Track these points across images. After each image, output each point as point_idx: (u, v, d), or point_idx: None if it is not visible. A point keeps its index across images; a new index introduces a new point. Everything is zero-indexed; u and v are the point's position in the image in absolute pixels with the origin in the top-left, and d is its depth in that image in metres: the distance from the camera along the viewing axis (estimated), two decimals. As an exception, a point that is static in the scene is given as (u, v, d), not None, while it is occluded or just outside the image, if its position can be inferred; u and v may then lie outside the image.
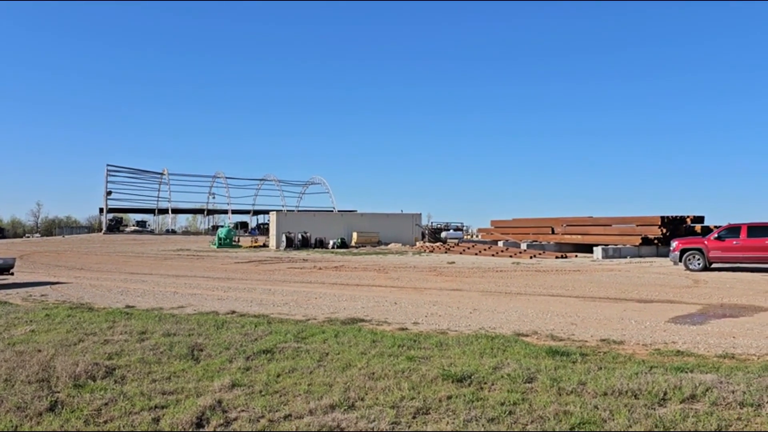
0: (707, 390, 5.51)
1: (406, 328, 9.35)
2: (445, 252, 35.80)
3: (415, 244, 44.03)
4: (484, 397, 5.48)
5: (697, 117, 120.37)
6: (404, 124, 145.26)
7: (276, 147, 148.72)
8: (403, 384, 5.84)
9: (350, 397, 5.44)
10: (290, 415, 5.00)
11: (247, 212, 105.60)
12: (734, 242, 21.48)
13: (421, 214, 51.22)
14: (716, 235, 22.18)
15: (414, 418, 4.93)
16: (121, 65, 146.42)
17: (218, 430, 4.72)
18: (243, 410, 5.14)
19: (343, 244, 42.46)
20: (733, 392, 5.45)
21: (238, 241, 51.12)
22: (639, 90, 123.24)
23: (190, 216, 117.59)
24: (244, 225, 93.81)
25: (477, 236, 53.72)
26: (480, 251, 34.12)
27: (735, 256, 21.49)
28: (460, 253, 34.44)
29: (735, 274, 20.42)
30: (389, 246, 43.47)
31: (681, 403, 5.26)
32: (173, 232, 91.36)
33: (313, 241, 42.63)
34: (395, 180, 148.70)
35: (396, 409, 5.11)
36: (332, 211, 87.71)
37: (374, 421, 4.81)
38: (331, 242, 42.23)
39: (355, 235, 45.29)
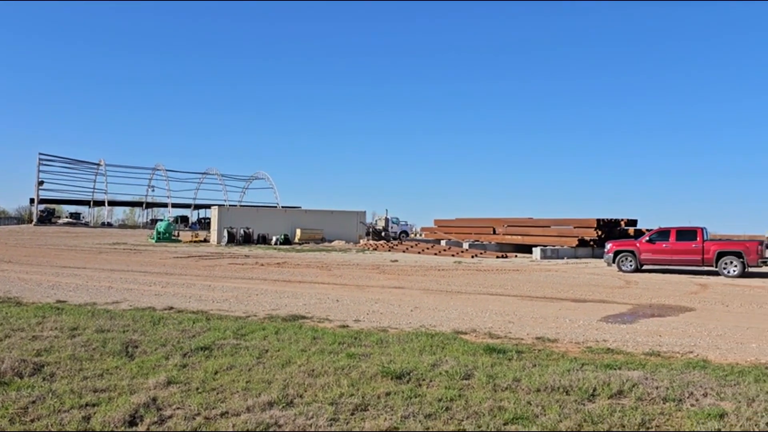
0: (633, 386, 5.77)
1: (348, 326, 9.37)
2: (389, 250, 36.00)
3: (359, 242, 44.08)
4: (422, 393, 5.56)
5: (631, 118, 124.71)
6: (351, 122, 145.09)
7: (219, 141, 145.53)
8: (343, 381, 5.86)
9: (289, 394, 5.42)
10: (227, 412, 4.94)
11: (188, 206, 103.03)
12: (664, 245, 22.50)
13: (365, 211, 51.28)
14: (647, 238, 23.18)
15: (352, 414, 4.95)
16: (56, 56, 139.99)
17: (152, 428, 4.62)
18: (178, 408, 5.04)
19: (287, 241, 42.06)
20: (657, 388, 5.72)
21: (178, 235, 49.84)
22: (576, 89, 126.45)
23: (127, 209, 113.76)
24: (184, 219, 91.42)
25: (421, 235, 54.26)
26: (423, 250, 34.49)
27: (664, 258, 22.52)
28: (404, 252, 34.71)
29: (664, 275, 21.39)
30: (333, 243, 43.36)
31: (609, 398, 5.49)
32: (109, 225, 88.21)
33: (255, 237, 42.04)
34: (341, 178, 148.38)
35: (335, 405, 5.13)
36: (276, 207, 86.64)
37: (312, 417, 4.81)
38: (274, 238, 41.75)
39: (298, 231, 44.92)
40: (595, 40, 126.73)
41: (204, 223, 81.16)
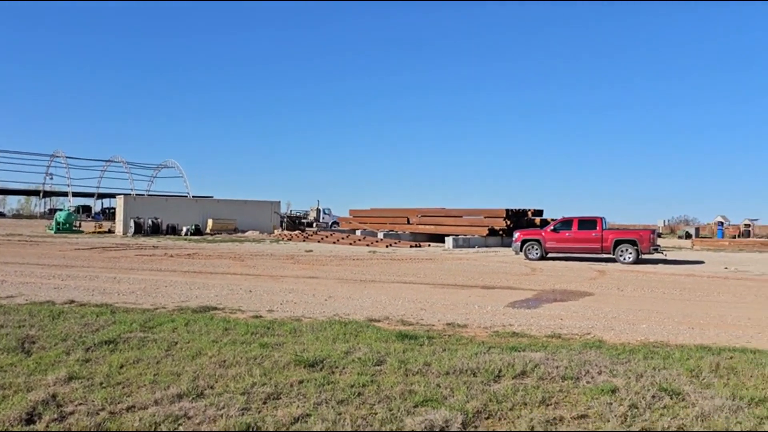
0: (536, 366, 6.09)
1: (261, 316, 9.27)
2: (304, 240, 35.78)
3: (274, 232, 43.50)
4: (335, 380, 5.61)
5: (540, 109, 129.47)
6: (265, 111, 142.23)
7: (126, 128, 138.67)
8: (255, 370, 5.81)
9: (199, 386, 5.32)
10: (134, 406, 4.79)
11: (90, 195, 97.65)
12: (567, 234, 23.71)
13: (279, 201, 50.63)
14: (552, 228, 24.36)
15: (264, 403, 4.93)
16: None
17: (52, 425, 4.40)
18: (81, 404, 4.82)
19: (198, 231, 40.84)
20: (557, 367, 6.07)
21: (80, 226, 47.22)
22: (482, 77, 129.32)
23: (22, 198, 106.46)
24: (87, 209, 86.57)
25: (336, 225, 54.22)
26: (338, 240, 34.53)
27: (567, 246, 23.74)
28: (318, 242, 34.62)
29: (567, 263, 22.56)
30: (246, 234, 42.55)
31: (513, 378, 5.77)
32: (2, 215, 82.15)
33: (164, 227, 40.54)
34: (255, 168, 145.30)
35: (246, 395, 5.08)
36: (186, 196, 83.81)
37: (223, 408, 4.75)
38: (185, 229, 40.44)
39: (210, 222, 43.72)
40: (488, 30, 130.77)
41: (108, 213, 77.30)
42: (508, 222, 34.62)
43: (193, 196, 79.42)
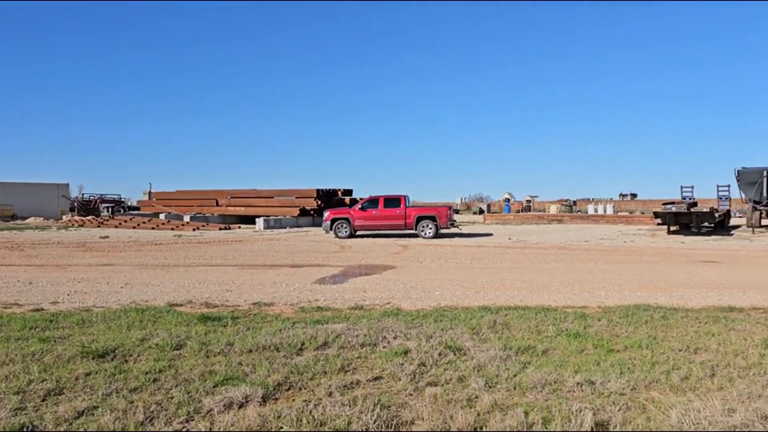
0: (337, 337, 6.31)
1: (42, 309, 8.35)
2: (98, 226, 32.88)
3: (62, 218, 39.30)
4: (128, 369, 5.29)
5: (348, 86, 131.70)
6: (64, 87, 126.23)
7: None
8: (33, 367, 5.25)
9: (-40, 391, 4.67)
10: None
11: None
12: (374, 212, 24.75)
13: (68, 184, 45.92)
14: (360, 206, 25.25)
15: (44, 400, 4.49)
16: None
17: None
18: None
19: (-35, 220, 35.46)
20: (356, 336, 6.35)
21: None
22: (271, 61, 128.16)
23: None
24: None
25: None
26: (139, 224, 32.29)
27: (375, 224, 24.80)
28: (116, 227, 32.06)
29: (374, 239, 23.57)
30: (28, 220, 37.94)
31: (315, 350, 5.92)
32: None
33: None
34: (40, 143, 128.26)
35: (21, 394, 4.58)
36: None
37: (-9, 411, 4.23)
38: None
39: (-20, 208, 38.20)
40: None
41: None
42: (319, 202, 35.15)
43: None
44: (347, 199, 37.00)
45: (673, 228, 26.36)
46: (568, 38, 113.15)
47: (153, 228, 31.07)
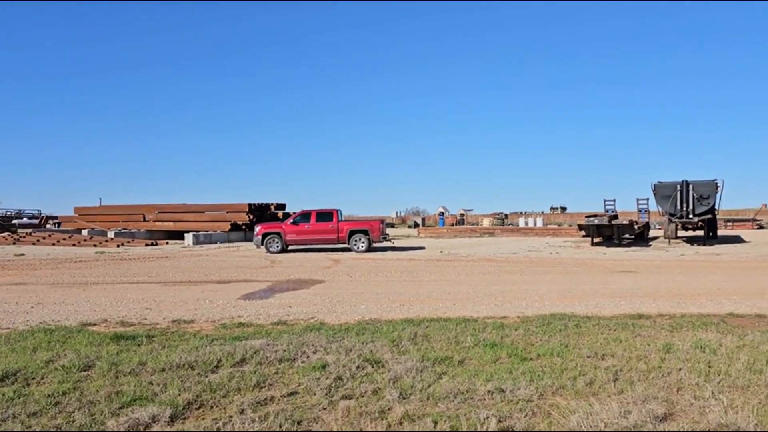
0: (255, 352, 6.22)
1: (-59, 332, 7.84)
2: (14, 243, 31.16)
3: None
4: (29, 392, 5.03)
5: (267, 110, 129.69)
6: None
7: None
8: None
9: None
10: None
11: None
12: (306, 226, 24.59)
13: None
14: (292, 220, 25.03)
15: (-71, 430, 4.20)
16: None
17: None
18: None
19: None
20: (276, 351, 6.28)
21: None
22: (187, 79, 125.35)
23: None
24: None
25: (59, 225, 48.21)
26: (59, 241, 30.81)
27: (307, 238, 24.62)
28: (34, 244, 30.48)
29: (306, 254, 23.40)
30: (-62, 238, 35.47)
31: (232, 367, 5.81)
32: None
33: None
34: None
35: None
36: None
37: None
38: None
39: None
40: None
41: None
42: (251, 216, 34.64)
43: None
44: (280, 213, 36.63)
45: (596, 240, 27.47)
46: (499, 50, 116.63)
47: (74, 245, 29.73)
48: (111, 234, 34.25)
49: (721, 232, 35.84)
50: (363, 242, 24.27)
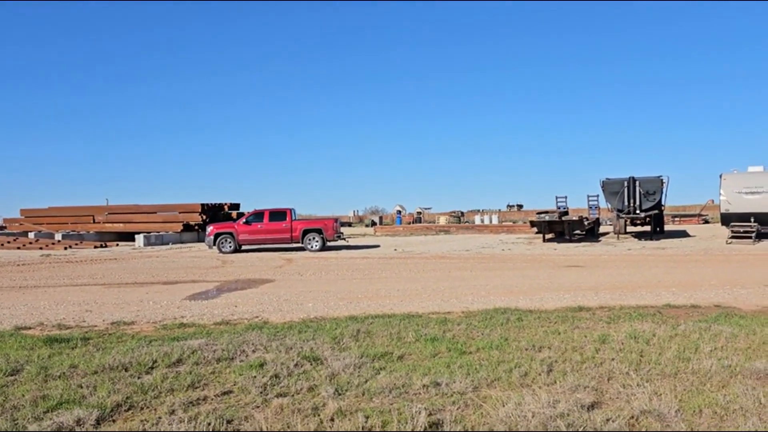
0: (193, 353, 6.10)
1: None
2: (-45, 247, 29.89)
3: None
4: (-52, 399, 4.82)
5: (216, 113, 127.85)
6: None
7: None
8: None
9: None
10: None
11: None
12: (259, 226, 24.30)
13: None
14: (245, 220, 24.71)
15: None
16: None
17: None
18: None
19: None
20: (214, 351, 6.18)
21: None
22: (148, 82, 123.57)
23: None
24: None
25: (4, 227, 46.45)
26: (2, 244, 29.70)
27: (260, 238, 24.34)
28: (-24, 248, 29.31)
29: (259, 254, 23.15)
30: None
31: (167, 367, 5.68)
32: None
33: None
34: None
35: None
36: None
37: None
38: None
39: None
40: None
41: None
42: (204, 216, 34.08)
43: None
44: (234, 213, 36.11)
45: (548, 236, 28.01)
46: (452, 51, 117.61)
47: (19, 248, 28.71)
48: (59, 236, 33.18)
49: (668, 227, 36.94)
50: (317, 241, 24.13)
